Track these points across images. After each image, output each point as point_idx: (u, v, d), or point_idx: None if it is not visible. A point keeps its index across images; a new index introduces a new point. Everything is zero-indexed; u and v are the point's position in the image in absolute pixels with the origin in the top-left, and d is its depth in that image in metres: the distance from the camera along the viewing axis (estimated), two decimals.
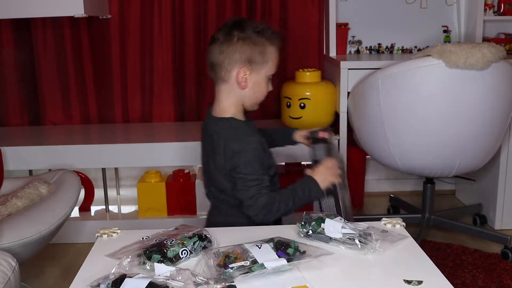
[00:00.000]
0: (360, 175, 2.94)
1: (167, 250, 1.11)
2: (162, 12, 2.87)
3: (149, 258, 1.09)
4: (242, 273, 1.02)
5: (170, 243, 1.13)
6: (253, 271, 1.03)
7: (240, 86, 1.46)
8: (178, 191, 2.60)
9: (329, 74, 2.75)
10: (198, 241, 1.15)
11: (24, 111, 2.95)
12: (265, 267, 1.04)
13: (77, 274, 1.09)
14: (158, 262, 1.08)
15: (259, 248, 1.10)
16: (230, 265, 1.03)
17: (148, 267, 1.08)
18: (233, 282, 1.01)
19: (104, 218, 2.68)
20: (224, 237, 1.24)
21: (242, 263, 1.04)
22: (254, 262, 1.05)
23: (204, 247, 1.16)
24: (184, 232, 1.18)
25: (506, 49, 2.70)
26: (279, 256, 1.08)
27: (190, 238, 1.14)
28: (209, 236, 1.17)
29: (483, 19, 2.73)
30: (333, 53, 2.80)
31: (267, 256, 1.07)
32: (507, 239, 2.32)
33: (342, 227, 1.21)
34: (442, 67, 2.05)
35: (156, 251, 1.11)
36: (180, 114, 3.01)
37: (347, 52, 2.93)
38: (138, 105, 2.97)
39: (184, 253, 1.11)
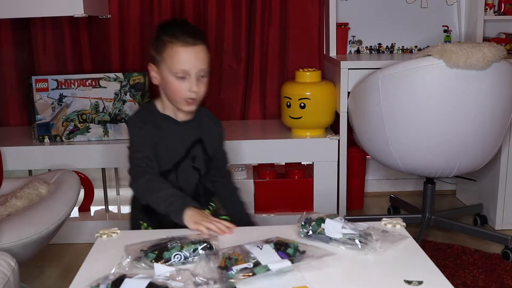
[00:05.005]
0: (360, 175, 2.94)
1: (164, 252, 1.10)
2: (162, 12, 2.87)
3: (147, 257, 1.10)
4: (245, 275, 1.02)
5: (171, 245, 1.13)
6: (256, 273, 1.02)
7: (152, 81, 1.56)
8: None
9: (329, 74, 2.75)
10: (198, 249, 1.13)
11: (24, 111, 2.94)
12: (269, 269, 1.03)
13: (76, 275, 1.09)
14: (151, 261, 1.08)
15: (260, 249, 1.09)
16: (234, 267, 1.03)
17: (143, 265, 1.08)
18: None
19: (103, 218, 2.68)
20: (221, 237, 1.24)
21: (245, 265, 1.04)
22: (256, 263, 1.04)
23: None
24: (196, 237, 1.18)
25: (507, 48, 2.70)
26: (281, 257, 1.08)
27: (193, 243, 1.14)
28: (214, 246, 1.15)
29: (484, 18, 2.73)
30: (333, 53, 2.80)
31: (269, 257, 1.07)
32: (508, 239, 2.32)
33: (342, 227, 1.20)
34: (443, 67, 2.05)
35: (155, 251, 1.11)
36: None
37: (347, 52, 2.93)
38: None
39: (177, 257, 1.10)
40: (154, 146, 1.53)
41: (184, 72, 1.47)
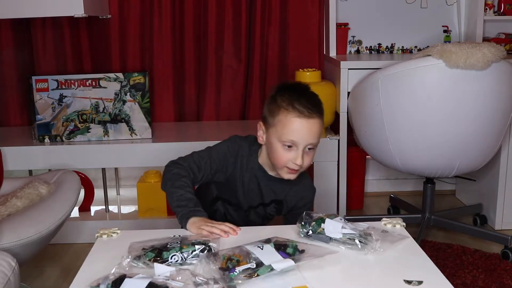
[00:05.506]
0: (360, 175, 2.94)
1: (163, 252, 1.11)
2: (162, 12, 2.87)
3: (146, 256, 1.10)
4: (248, 276, 1.02)
5: (171, 245, 1.13)
6: (260, 274, 1.02)
7: (258, 140, 1.53)
8: None
9: (329, 74, 2.75)
10: (196, 251, 1.12)
11: (24, 111, 2.94)
12: (273, 269, 1.03)
13: (77, 275, 1.09)
14: (149, 260, 1.08)
15: (261, 249, 1.09)
16: (236, 268, 1.03)
17: (140, 264, 1.08)
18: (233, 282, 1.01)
19: (104, 218, 2.68)
20: (221, 238, 1.23)
21: (248, 265, 1.04)
22: (258, 264, 1.04)
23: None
24: (197, 238, 1.18)
25: (507, 49, 2.70)
26: (282, 257, 1.08)
27: (193, 245, 1.13)
28: (213, 248, 1.15)
29: (483, 19, 2.73)
30: (333, 53, 2.80)
31: (271, 257, 1.07)
32: (508, 239, 2.32)
33: (342, 227, 1.20)
34: (442, 67, 2.05)
35: (155, 250, 1.11)
36: (180, 114, 3.01)
37: (347, 52, 2.93)
38: None
39: (174, 258, 1.10)
40: (234, 181, 1.55)
41: (293, 142, 1.42)
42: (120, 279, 0.98)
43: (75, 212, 2.65)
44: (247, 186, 1.57)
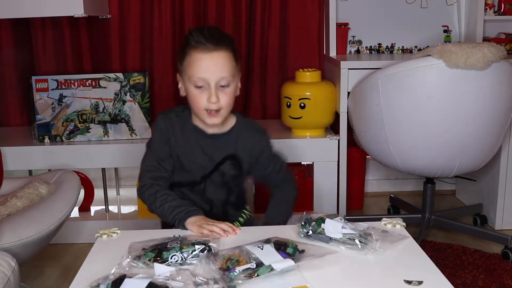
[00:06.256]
0: (360, 175, 2.94)
1: (163, 252, 1.11)
2: (162, 12, 2.87)
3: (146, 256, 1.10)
4: (248, 276, 1.02)
5: (171, 245, 1.13)
6: (260, 274, 1.02)
7: (180, 93, 1.50)
8: None
9: (329, 74, 2.75)
10: (196, 252, 1.12)
11: (24, 111, 2.94)
12: (273, 269, 1.03)
13: (77, 275, 1.09)
14: (149, 260, 1.08)
15: (261, 249, 1.09)
16: (236, 268, 1.03)
17: (140, 264, 1.08)
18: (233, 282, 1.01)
19: (104, 218, 2.68)
20: (221, 238, 1.23)
21: (248, 265, 1.03)
22: (258, 264, 1.04)
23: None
24: (197, 238, 1.18)
25: (507, 48, 2.70)
26: (282, 257, 1.08)
27: (192, 245, 1.13)
28: (213, 248, 1.14)
29: (484, 18, 2.73)
30: (333, 53, 2.80)
31: (271, 257, 1.06)
32: (508, 239, 2.32)
33: (342, 227, 1.20)
34: (443, 67, 2.05)
35: (155, 250, 1.11)
36: None
37: (347, 52, 2.93)
38: None
39: (174, 258, 1.10)
40: (178, 157, 1.48)
41: (202, 80, 1.38)
42: (120, 279, 0.98)
43: (75, 212, 2.65)
44: (190, 152, 1.49)
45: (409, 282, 1.03)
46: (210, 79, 1.38)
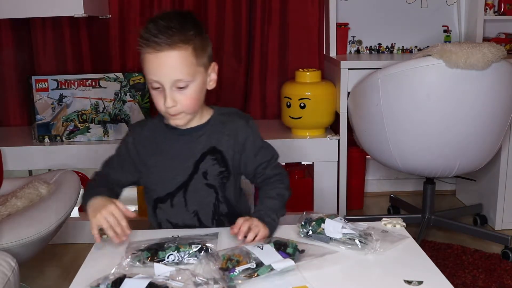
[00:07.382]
0: (360, 175, 2.94)
1: (159, 251, 1.11)
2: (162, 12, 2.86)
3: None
4: (248, 276, 1.02)
5: (168, 245, 1.12)
6: (259, 274, 1.02)
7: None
8: None
9: (329, 74, 2.75)
10: (194, 251, 1.11)
11: (24, 111, 2.94)
12: (273, 269, 1.03)
13: (77, 274, 1.09)
14: (147, 258, 1.08)
15: (261, 249, 1.09)
16: (236, 268, 1.03)
17: (137, 264, 1.08)
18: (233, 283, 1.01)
19: None
20: (220, 238, 1.23)
21: (248, 265, 1.03)
22: (258, 264, 1.04)
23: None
24: (194, 239, 1.18)
25: (507, 49, 2.69)
26: (282, 257, 1.07)
27: (189, 245, 1.13)
28: (210, 249, 1.13)
29: (484, 18, 2.73)
30: (333, 53, 2.80)
31: (271, 257, 1.06)
32: (508, 239, 2.32)
33: (342, 227, 1.20)
34: (443, 67, 2.05)
35: (151, 249, 1.11)
36: None
37: (347, 52, 2.93)
38: None
39: (171, 257, 1.10)
40: (150, 168, 1.35)
41: (156, 82, 1.22)
42: (120, 279, 0.98)
43: (75, 212, 2.65)
44: (164, 157, 1.34)
45: (409, 282, 1.03)
46: (164, 82, 1.22)
